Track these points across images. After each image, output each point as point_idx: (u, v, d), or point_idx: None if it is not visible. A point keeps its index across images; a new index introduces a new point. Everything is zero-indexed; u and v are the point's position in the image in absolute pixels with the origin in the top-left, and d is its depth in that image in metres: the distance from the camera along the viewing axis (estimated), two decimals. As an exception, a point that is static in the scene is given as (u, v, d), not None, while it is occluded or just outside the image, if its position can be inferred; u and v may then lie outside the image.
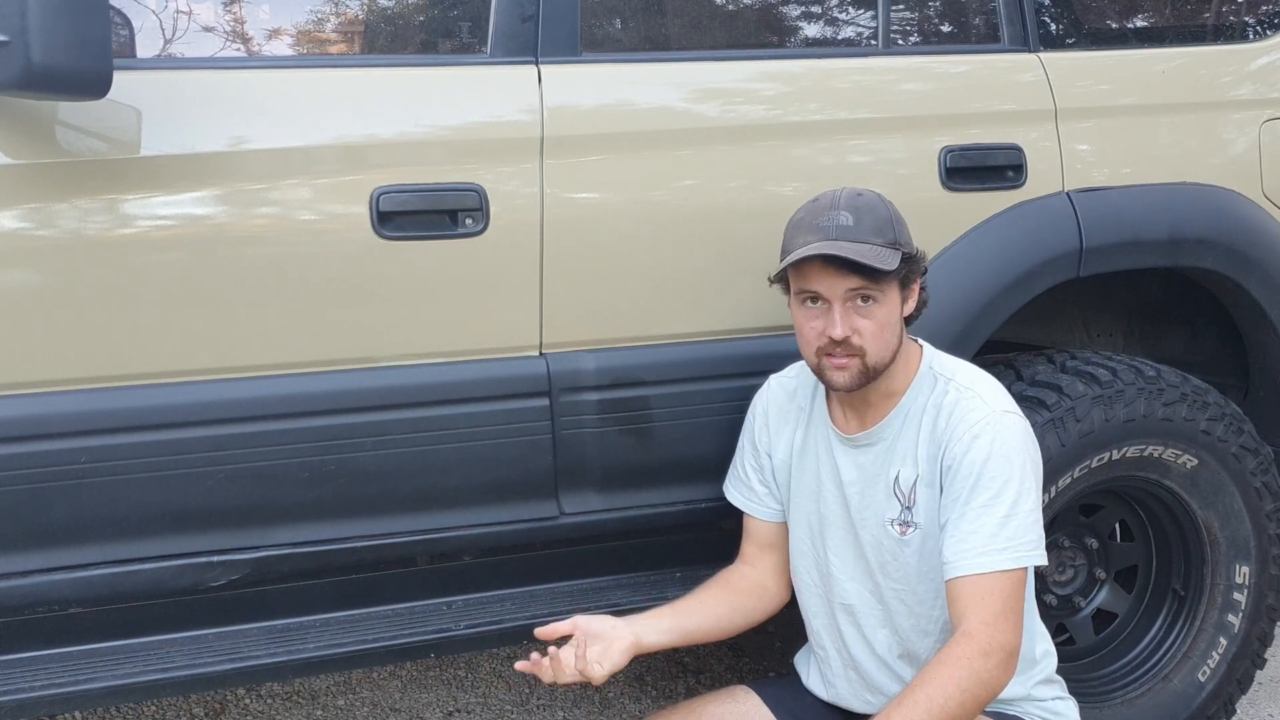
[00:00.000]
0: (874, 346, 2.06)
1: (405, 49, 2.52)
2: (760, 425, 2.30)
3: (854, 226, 2.05)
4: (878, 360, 2.07)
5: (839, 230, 2.05)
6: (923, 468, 2.10)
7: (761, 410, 2.31)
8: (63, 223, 2.00)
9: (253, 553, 2.17)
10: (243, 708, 3.10)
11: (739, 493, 2.34)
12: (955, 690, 1.92)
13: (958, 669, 1.93)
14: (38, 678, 2.08)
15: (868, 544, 2.16)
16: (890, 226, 2.07)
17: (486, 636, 2.36)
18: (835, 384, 2.09)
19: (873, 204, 2.09)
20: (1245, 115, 2.82)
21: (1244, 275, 2.75)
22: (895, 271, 2.05)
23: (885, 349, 2.07)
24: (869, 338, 2.05)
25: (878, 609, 2.19)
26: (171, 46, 2.18)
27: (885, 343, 2.07)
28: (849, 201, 2.08)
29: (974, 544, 2.00)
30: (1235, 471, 2.69)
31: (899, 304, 2.09)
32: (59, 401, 2.03)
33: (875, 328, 2.05)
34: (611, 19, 2.52)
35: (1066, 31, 2.81)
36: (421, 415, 2.23)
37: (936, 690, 1.92)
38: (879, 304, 2.05)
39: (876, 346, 2.06)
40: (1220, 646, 2.76)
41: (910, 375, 2.14)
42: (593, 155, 2.30)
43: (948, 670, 1.94)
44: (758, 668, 3.17)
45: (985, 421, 2.04)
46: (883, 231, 2.06)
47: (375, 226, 2.15)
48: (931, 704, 1.91)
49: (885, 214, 2.09)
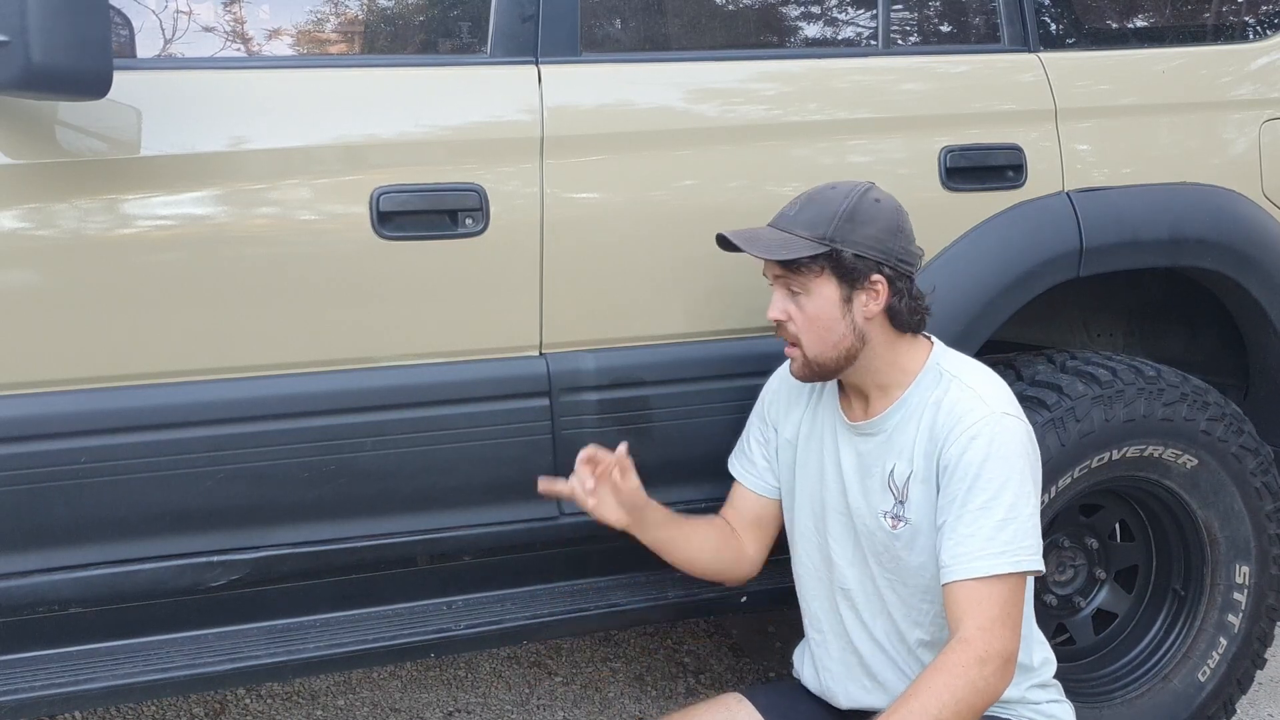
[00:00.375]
0: (806, 338, 2.08)
1: (405, 49, 2.52)
2: (771, 400, 2.32)
3: (792, 215, 2.09)
4: (815, 354, 2.09)
5: (779, 216, 2.12)
6: (918, 464, 2.09)
7: (775, 387, 2.32)
8: (63, 223, 2.00)
9: (253, 553, 2.17)
10: (243, 708, 3.10)
11: (739, 463, 2.36)
12: (950, 699, 1.90)
13: (953, 677, 1.92)
14: (38, 678, 2.08)
15: (863, 532, 2.17)
16: (831, 221, 2.04)
17: (486, 636, 2.36)
18: (791, 372, 2.16)
19: (829, 198, 2.08)
20: (1245, 115, 2.82)
21: (1244, 275, 2.75)
22: (813, 265, 2.04)
23: (820, 343, 2.08)
24: (800, 327, 2.09)
25: (874, 596, 2.19)
26: (171, 46, 2.18)
27: (819, 337, 2.07)
28: (817, 191, 2.11)
29: (970, 548, 1.99)
30: (1235, 471, 2.69)
31: (835, 300, 2.06)
32: (59, 401, 2.03)
33: (803, 319, 2.08)
34: (611, 19, 2.52)
35: (1066, 31, 2.81)
36: (421, 415, 2.23)
37: (931, 699, 1.90)
38: (806, 296, 2.07)
39: (808, 339, 2.08)
40: (1220, 646, 2.76)
41: (914, 371, 2.13)
42: (593, 155, 2.30)
43: (943, 678, 1.92)
44: (758, 667, 3.17)
45: (984, 422, 2.03)
46: (815, 225, 2.05)
47: (375, 226, 2.15)
48: (926, 713, 1.89)
49: (837, 209, 2.05)
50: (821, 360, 2.09)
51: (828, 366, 2.10)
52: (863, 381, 2.14)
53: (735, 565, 2.34)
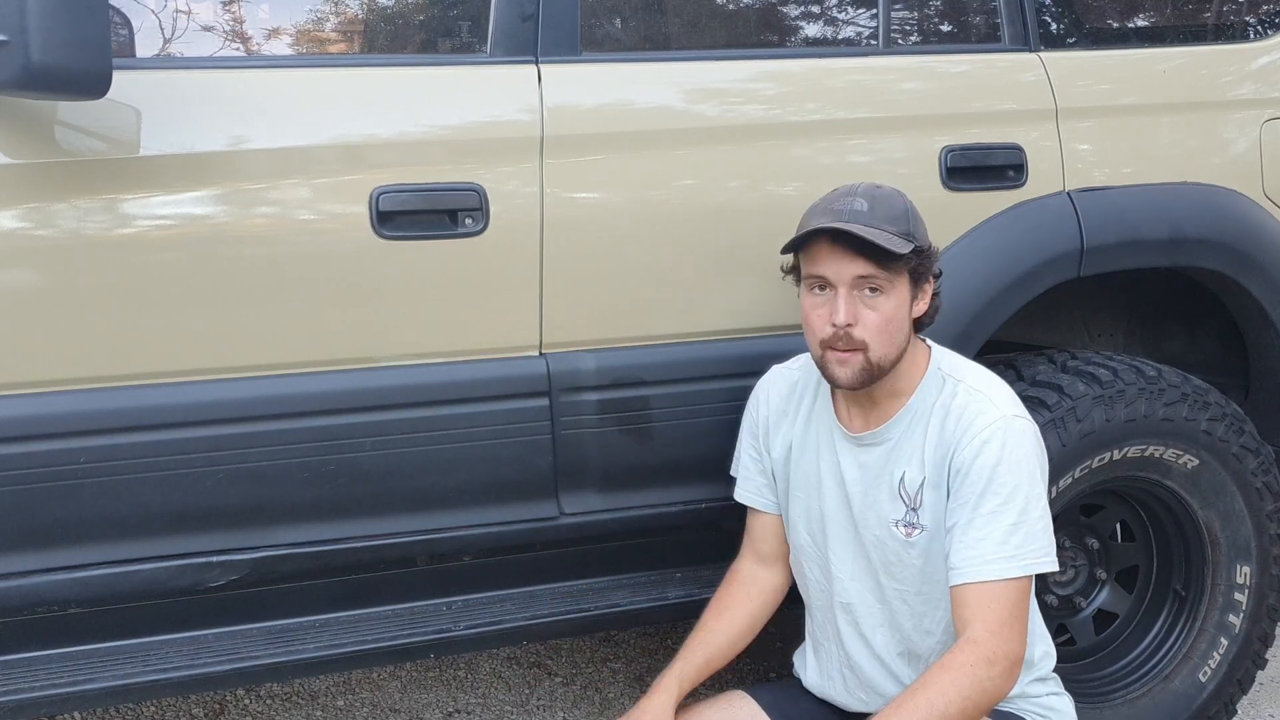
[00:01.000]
0: (877, 341, 2.02)
1: (405, 48, 2.52)
2: (761, 417, 2.30)
3: (868, 212, 2.02)
4: (881, 357, 2.03)
5: (853, 214, 2.02)
6: (929, 470, 2.08)
7: (763, 401, 2.30)
8: (62, 222, 2.00)
9: (252, 553, 2.17)
10: (242, 708, 3.10)
11: (748, 490, 2.33)
12: (957, 696, 1.92)
13: (960, 675, 1.93)
14: (38, 678, 2.08)
15: (870, 544, 2.15)
16: (905, 218, 2.05)
17: (486, 637, 2.36)
18: (837, 379, 2.06)
19: (889, 195, 2.08)
20: (1246, 115, 2.82)
21: (1245, 275, 2.74)
22: (905, 261, 2.02)
23: (889, 345, 2.04)
24: (873, 330, 2.02)
25: (878, 609, 2.18)
26: (171, 46, 2.18)
27: (890, 339, 2.03)
28: (867, 190, 2.07)
29: (982, 551, 1.99)
30: (1236, 472, 2.69)
31: (908, 300, 2.06)
32: (59, 401, 2.03)
33: (880, 321, 2.02)
34: (611, 18, 2.52)
35: (1067, 31, 2.81)
36: (421, 415, 2.23)
37: (938, 695, 1.91)
38: (886, 296, 2.02)
39: (880, 342, 2.02)
40: (1221, 647, 2.76)
41: (918, 375, 2.12)
42: (593, 155, 2.30)
43: (950, 675, 1.93)
44: (759, 668, 3.17)
45: (995, 426, 2.02)
46: (896, 221, 2.04)
47: (375, 226, 2.15)
48: (932, 708, 1.90)
49: (901, 206, 2.07)
50: (884, 364, 2.04)
51: (885, 370, 2.05)
52: (880, 387, 2.09)
53: (772, 608, 2.33)
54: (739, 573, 2.33)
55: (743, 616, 2.29)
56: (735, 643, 2.28)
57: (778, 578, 2.33)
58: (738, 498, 2.34)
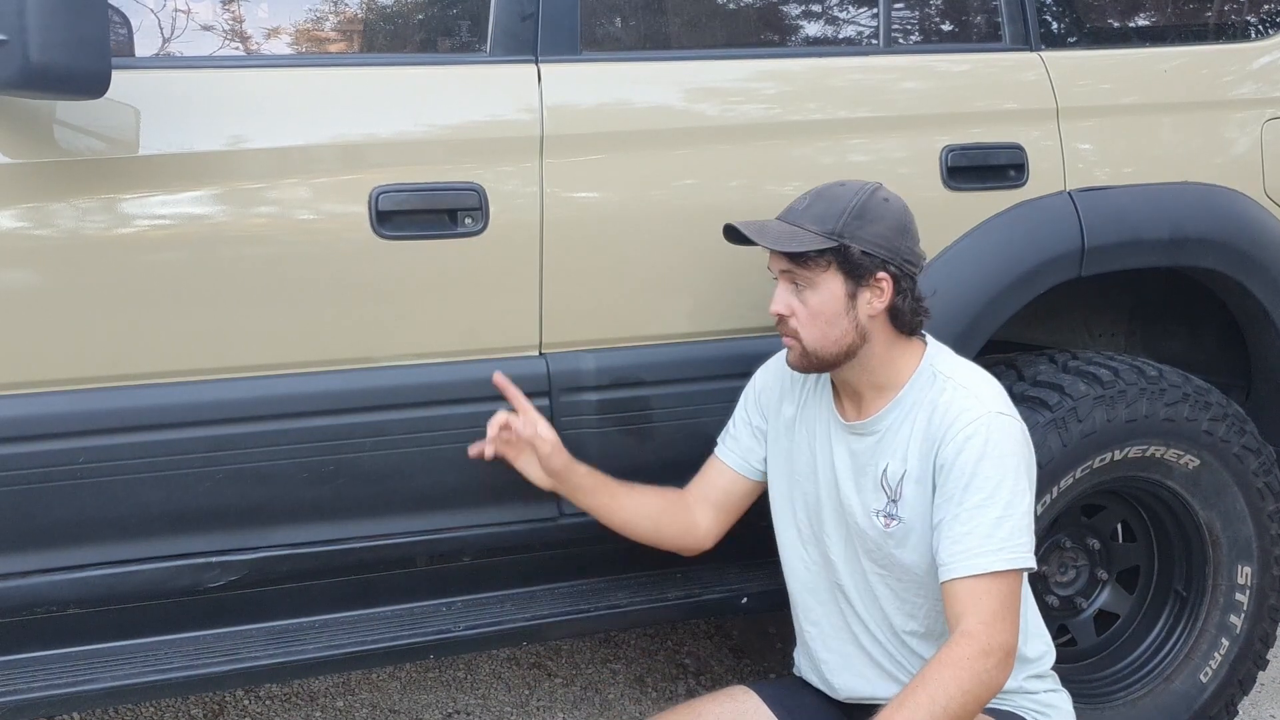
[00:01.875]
0: (806, 332, 2.09)
1: (404, 48, 2.51)
2: (763, 390, 2.32)
3: (802, 210, 2.10)
4: (815, 347, 2.09)
5: (788, 210, 2.13)
6: (913, 464, 2.10)
7: (766, 380, 2.33)
8: (61, 222, 2.00)
9: (252, 553, 2.17)
10: (241, 709, 3.10)
11: (727, 446, 2.35)
12: (957, 691, 1.93)
13: (959, 669, 1.94)
14: (37, 678, 2.08)
15: (854, 529, 2.18)
16: (840, 217, 2.06)
17: (486, 637, 2.36)
18: (788, 361, 2.16)
19: (837, 194, 2.10)
20: (1247, 114, 2.82)
21: (1246, 275, 2.74)
22: (821, 259, 2.05)
23: (821, 338, 2.08)
24: (802, 322, 2.09)
25: (867, 591, 2.21)
26: (170, 45, 2.18)
27: (820, 332, 2.08)
28: (826, 188, 2.13)
29: (968, 545, 2.01)
30: (1237, 472, 2.68)
31: (840, 295, 2.07)
32: (59, 401, 2.02)
33: (806, 314, 2.08)
34: (611, 18, 2.52)
35: (1068, 30, 2.81)
36: (421, 415, 2.22)
37: (939, 691, 1.93)
38: (811, 290, 2.08)
39: (809, 333, 2.09)
40: (1222, 647, 2.75)
41: (908, 371, 2.13)
42: (592, 154, 2.30)
43: (950, 671, 1.94)
44: (758, 668, 3.17)
45: (979, 421, 2.04)
46: (824, 220, 2.06)
47: (374, 226, 2.14)
48: (934, 705, 1.91)
49: (842, 205, 2.07)
50: (820, 354, 2.10)
51: (825, 360, 2.11)
52: (858, 380, 2.14)
53: (682, 536, 2.33)
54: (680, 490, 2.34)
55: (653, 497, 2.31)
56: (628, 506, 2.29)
57: (702, 517, 2.33)
58: (716, 452, 2.35)
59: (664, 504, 2.32)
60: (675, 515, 2.32)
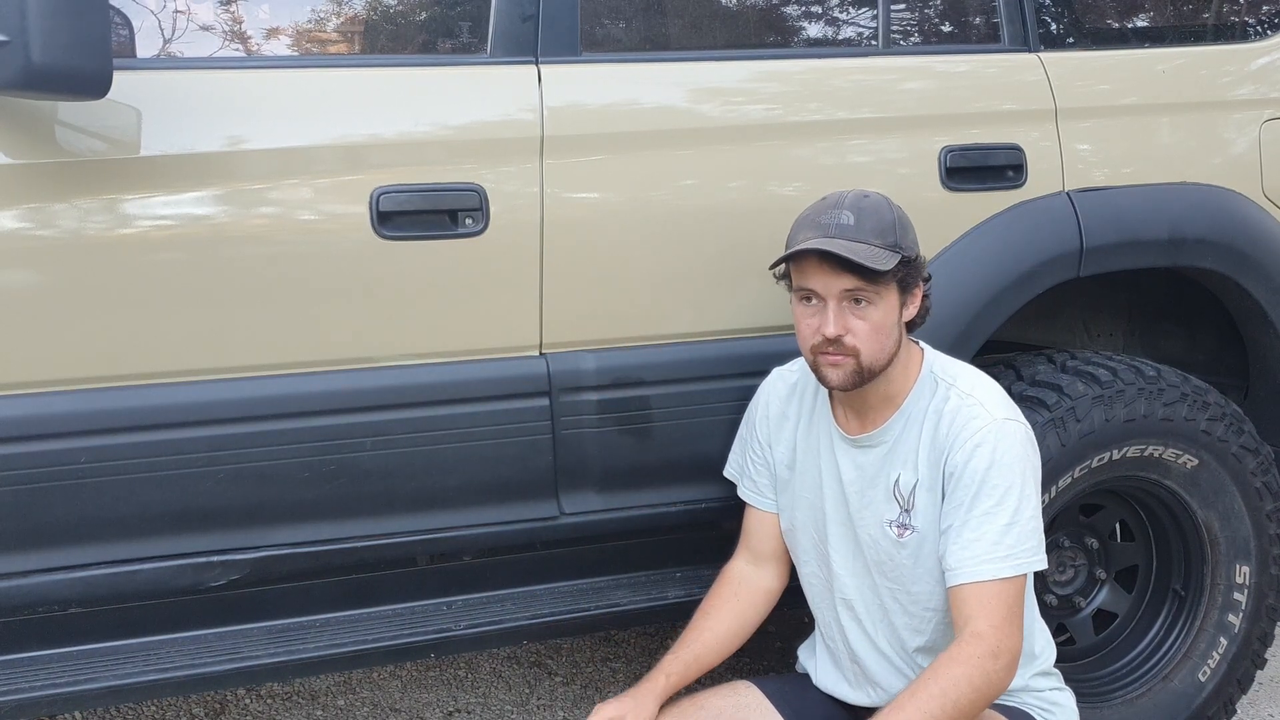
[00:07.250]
0: (868, 348, 2.06)
1: (405, 49, 2.52)
2: (761, 418, 2.31)
3: (854, 226, 2.05)
4: (872, 362, 2.07)
5: (839, 229, 2.05)
6: (923, 472, 2.10)
7: (764, 404, 2.32)
8: (62, 223, 2.00)
9: (253, 553, 2.17)
10: (242, 708, 3.10)
11: (749, 489, 2.34)
12: (967, 688, 1.95)
13: (970, 667, 1.96)
14: (38, 678, 2.08)
15: (865, 542, 2.18)
16: (892, 229, 2.07)
17: (486, 636, 2.36)
18: (829, 381, 2.10)
19: (877, 206, 2.09)
20: (1245, 115, 2.82)
21: (1244, 275, 2.75)
22: (891, 274, 2.04)
23: (880, 352, 2.07)
24: (863, 339, 2.05)
25: (875, 606, 2.21)
26: (171, 46, 2.18)
27: (880, 345, 2.07)
28: (854, 202, 2.08)
29: (977, 551, 2.02)
30: (1235, 471, 2.69)
31: (896, 308, 2.09)
32: (59, 401, 2.02)
33: (869, 329, 2.05)
34: (612, 19, 2.52)
35: (1067, 31, 2.81)
36: (421, 415, 2.23)
37: (950, 685, 1.95)
38: (874, 306, 2.05)
39: (870, 348, 2.06)
40: (1221, 646, 2.76)
41: (911, 379, 2.14)
42: (593, 155, 2.30)
43: (960, 668, 1.96)
44: (757, 667, 3.17)
45: (987, 430, 2.06)
46: (883, 234, 2.06)
47: (375, 226, 2.15)
48: (945, 698, 1.94)
49: (889, 217, 2.08)
50: (874, 368, 2.08)
51: (875, 374, 2.09)
52: (874, 391, 2.12)
53: (766, 608, 2.34)
54: (729, 573, 2.34)
55: (730, 616, 2.29)
56: (724, 641, 2.29)
57: (771, 579, 2.33)
58: (741, 495, 2.35)
59: (737, 609, 2.30)
60: (748, 606, 2.31)
